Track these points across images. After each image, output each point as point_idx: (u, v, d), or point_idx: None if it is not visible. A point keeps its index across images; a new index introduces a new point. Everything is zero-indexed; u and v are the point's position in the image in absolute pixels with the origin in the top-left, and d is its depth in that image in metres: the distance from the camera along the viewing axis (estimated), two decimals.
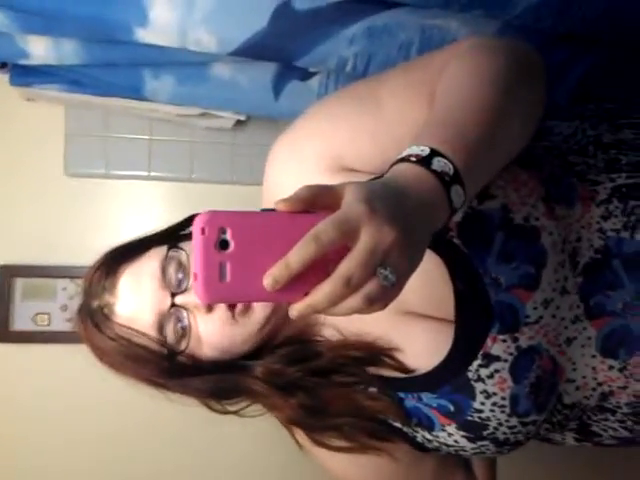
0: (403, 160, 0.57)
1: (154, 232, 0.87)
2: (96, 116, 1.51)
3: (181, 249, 0.80)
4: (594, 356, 0.79)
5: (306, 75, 1.20)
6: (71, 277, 1.53)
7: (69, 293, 1.55)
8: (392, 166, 0.58)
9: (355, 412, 0.83)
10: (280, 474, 1.64)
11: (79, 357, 1.48)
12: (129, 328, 0.78)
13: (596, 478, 1.70)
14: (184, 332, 0.78)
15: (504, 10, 0.97)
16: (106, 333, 0.80)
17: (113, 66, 1.25)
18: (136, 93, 1.30)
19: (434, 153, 0.57)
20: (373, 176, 0.75)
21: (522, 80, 0.70)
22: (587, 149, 0.84)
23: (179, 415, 1.51)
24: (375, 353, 0.80)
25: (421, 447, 0.85)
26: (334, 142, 0.79)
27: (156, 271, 0.79)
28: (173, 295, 0.78)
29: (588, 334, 0.78)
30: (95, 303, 0.81)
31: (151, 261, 0.80)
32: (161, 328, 0.78)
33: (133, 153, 1.55)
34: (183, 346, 0.78)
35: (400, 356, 0.80)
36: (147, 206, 1.59)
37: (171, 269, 0.79)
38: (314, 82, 1.20)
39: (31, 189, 1.55)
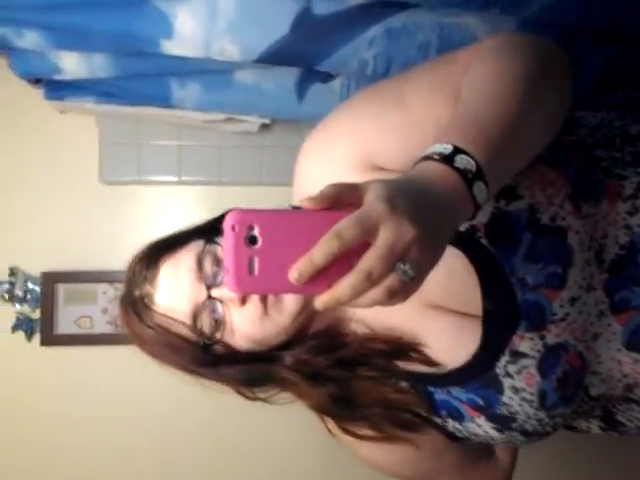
0: (426, 158, 0.59)
1: (193, 227, 0.89)
2: (128, 125, 1.55)
3: (217, 244, 0.82)
4: (619, 350, 0.79)
5: (328, 77, 1.22)
6: (110, 281, 1.58)
7: (109, 297, 1.60)
8: (416, 164, 0.59)
9: (382, 404, 0.85)
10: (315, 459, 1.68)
11: (121, 357, 1.55)
12: (167, 317, 0.81)
13: (615, 464, 1.70)
14: (218, 323, 0.80)
15: (520, 8, 0.98)
16: (146, 322, 0.82)
17: (141, 77, 1.29)
18: (164, 102, 1.34)
19: (457, 151, 0.58)
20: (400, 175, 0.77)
21: (545, 78, 0.70)
22: (614, 142, 0.84)
23: (216, 413, 1.58)
24: (401, 346, 0.82)
25: (452, 436, 0.87)
26: (361, 142, 0.81)
27: (193, 264, 0.81)
28: (209, 288, 0.80)
29: (613, 329, 0.79)
30: (137, 292, 0.84)
31: (189, 254, 0.82)
32: (196, 319, 0.80)
33: (164, 159, 1.59)
34: (218, 337, 0.80)
35: (426, 350, 0.82)
36: (179, 210, 1.63)
37: (207, 263, 0.81)
38: (336, 84, 1.22)
39: (68, 198, 1.61)
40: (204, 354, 0.82)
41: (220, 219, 0.89)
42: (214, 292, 0.80)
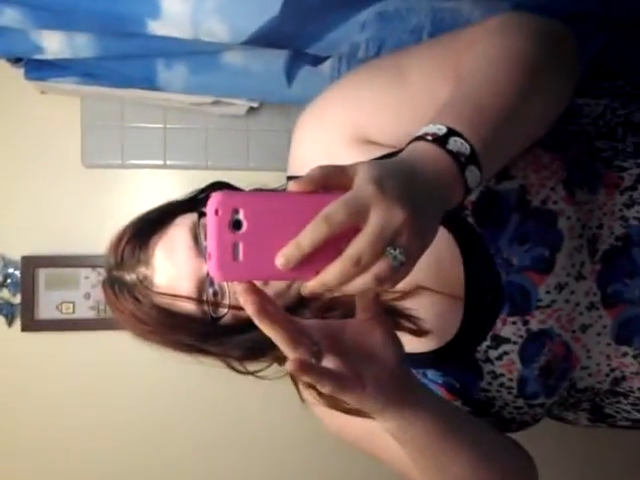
0: (420, 138, 0.57)
1: (174, 201, 0.87)
2: (111, 107, 1.52)
3: None
4: (609, 344, 0.78)
5: (318, 60, 1.20)
6: (93, 266, 1.56)
7: (91, 282, 1.58)
8: (409, 144, 0.58)
9: None
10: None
11: (104, 343, 1.53)
12: (171, 297, 0.78)
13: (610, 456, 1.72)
14: (223, 292, 0.78)
15: None
16: (147, 305, 0.79)
17: (126, 58, 1.25)
18: (150, 84, 1.31)
19: (451, 132, 0.56)
20: (391, 150, 0.75)
21: (551, 63, 0.69)
22: (616, 131, 0.83)
23: (200, 395, 1.57)
24: (395, 309, 0.80)
25: None
26: (357, 112, 0.79)
27: (189, 240, 0.78)
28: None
29: (604, 322, 0.78)
30: (130, 276, 0.81)
31: (182, 230, 0.79)
32: (201, 294, 0.78)
33: (149, 143, 1.56)
34: (224, 306, 0.78)
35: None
36: (164, 194, 1.57)
37: (203, 237, 0.78)
38: (326, 67, 1.19)
39: (50, 181, 1.58)
40: (211, 327, 0.79)
41: (205, 190, 0.88)
42: None
